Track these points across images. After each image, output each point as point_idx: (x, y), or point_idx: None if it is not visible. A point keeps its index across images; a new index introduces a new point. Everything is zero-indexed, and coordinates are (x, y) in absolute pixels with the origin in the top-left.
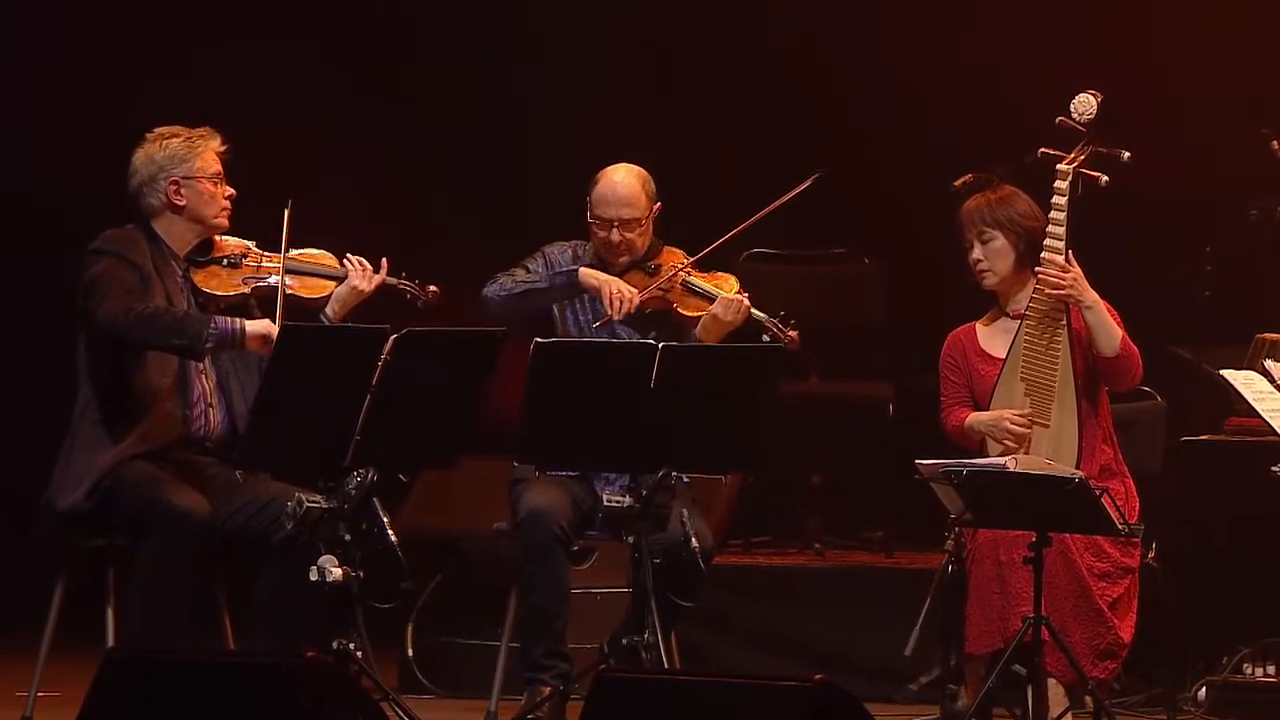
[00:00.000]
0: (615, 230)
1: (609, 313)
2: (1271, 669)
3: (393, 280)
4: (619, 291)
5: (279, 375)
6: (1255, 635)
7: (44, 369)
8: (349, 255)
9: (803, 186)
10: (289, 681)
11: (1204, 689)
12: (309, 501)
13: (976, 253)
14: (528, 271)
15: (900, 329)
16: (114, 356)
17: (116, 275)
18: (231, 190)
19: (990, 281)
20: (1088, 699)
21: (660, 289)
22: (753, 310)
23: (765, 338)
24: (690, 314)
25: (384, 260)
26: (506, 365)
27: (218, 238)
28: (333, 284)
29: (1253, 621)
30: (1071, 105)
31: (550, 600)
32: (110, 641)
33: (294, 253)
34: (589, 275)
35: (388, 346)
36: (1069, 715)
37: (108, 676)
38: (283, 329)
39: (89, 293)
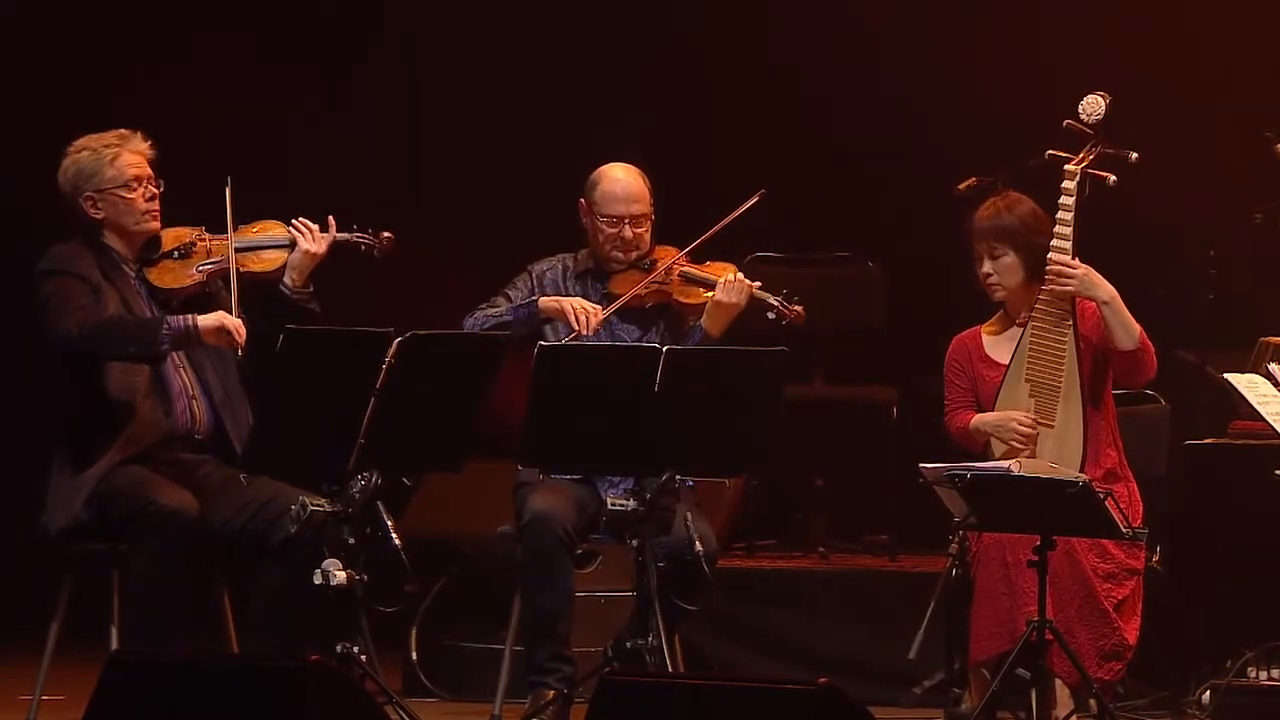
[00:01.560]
0: (627, 226)
1: (576, 329)
2: (1276, 672)
3: (344, 235)
4: (581, 308)
5: (283, 379)
6: (1260, 638)
7: (36, 383)
8: (295, 220)
9: (748, 205)
10: (293, 685)
11: (1208, 692)
12: (313, 505)
13: (986, 266)
14: (509, 300)
15: (903, 332)
16: (82, 370)
17: (67, 292)
18: (155, 190)
19: (999, 295)
20: (1092, 702)
21: (657, 282)
22: (754, 290)
23: (770, 315)
24: (691, 302)
25: (330, 218)
26: (510, 369)
27: (164, 232)
28: (285, 252)
29: (1257, 625)
30: (1080, 106)
31: (554, 603)
32: (114, 644)
33: (240, 229)
34: (548, 302)
35: (391, 350)
36: (1074, 717)
37: (112, 680)
38: (286, 333)
39: (43, 314)
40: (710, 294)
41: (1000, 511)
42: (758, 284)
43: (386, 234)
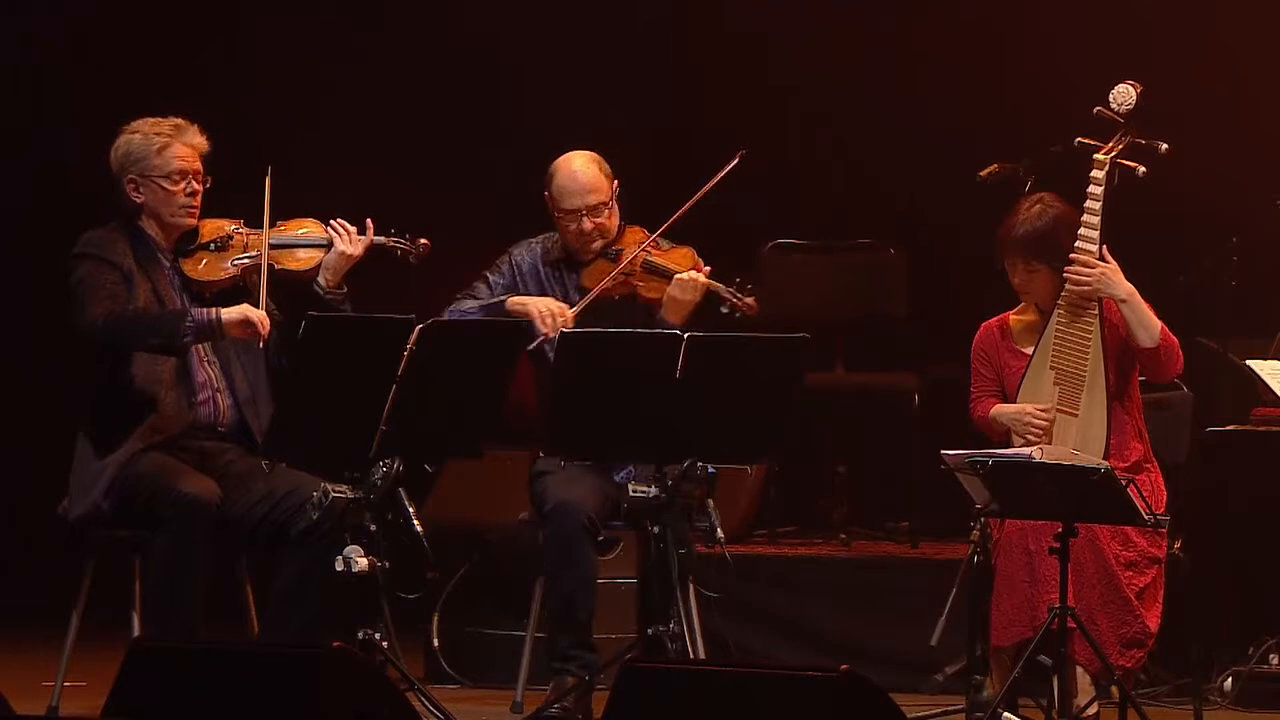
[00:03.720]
0: (585, 219)
1: (544, 332)
2: None
3: (381, 239)
4: (547, 310)
5: (305, 366)
6: None
7: (59, 370)
8: (334, 220)
9: (729, 167)
10: (314, 671)
11: (1230, 679)
12: (334, 491)
13: (1019, 278)
14: (488, 285)
15: (925, 319)
16: (106, 357)
17: (96, 279)
18: (197, 187)
19: (1029, 301)
20: (1114, 689)
21: (623, 273)
22: (710, 283)
23: (723, 309)
24: (653, 296)
25: (369, 221)
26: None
27: (202, 223)
28: (321, 252)
29: (1278, 612)
30: (1110, 95)
31: (577, 590)
32: (136, 631)
33: (279, 225)
34: (515, 304)
35: (413, 336)
36: (1095, 705)
37: (134, 666)
38: (308, 319)
39: (72, 299)
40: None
41: (1022, 498)
42: (708, 271)
43: (423, 240)
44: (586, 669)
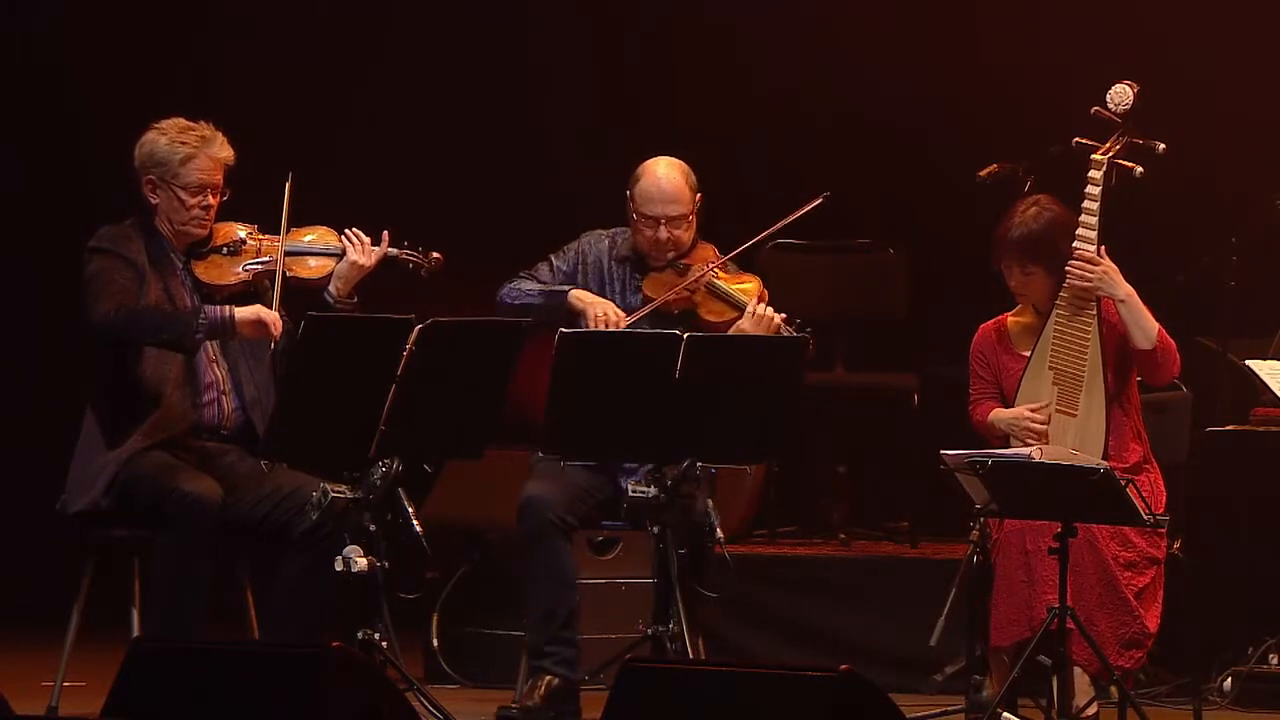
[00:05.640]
0: (663, 228)
1: None
2: None
3: (394, 251)
4: (604, 315)
5: (304, 366)
6: None
7: (61, 368)
8: (348, 230)
9: (810, 206)
10: (314, 671)
11: (1229, 679)
12: (334, 491)
13: (1015, 280)
14: (551, 269)
15: (925, 319)
16: (115, 353)
17: (110, 274)
18: (212, 201)
19: (1025, 303)
20: (1113, 689)
21: (687, 289)
22: (781, 325)
23: None
24: (713, 319)
25: (385, 233)
26: (533, 357)
27: (216, 225)
28: (333, 261)
29: (1278, 612)
30: (1108, 95)
31: (550, 588)
32: (135, 631)
33: (293, 232)
34: (576, 298)
35: (412, 337)
36: (1094, 705)
37: (134, 666)
38: (307, 319)
39: (85, 293)
40: (734, 314)
41: (1022, 498)
42: (782, 316)
43: (436, 254)
44: (564, 665)
